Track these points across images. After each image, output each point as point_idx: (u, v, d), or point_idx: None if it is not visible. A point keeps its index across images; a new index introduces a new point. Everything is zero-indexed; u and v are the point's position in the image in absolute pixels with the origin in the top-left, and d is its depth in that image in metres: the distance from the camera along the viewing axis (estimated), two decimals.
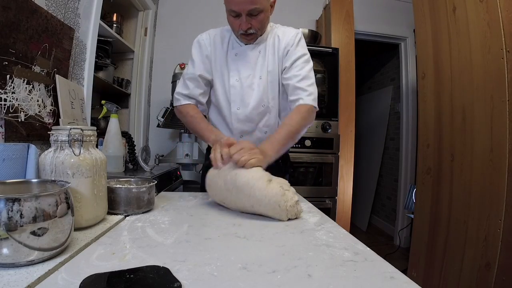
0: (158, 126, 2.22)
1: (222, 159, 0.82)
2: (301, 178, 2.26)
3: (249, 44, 1.07)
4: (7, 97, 0.87)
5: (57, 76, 1.10)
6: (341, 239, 0.63)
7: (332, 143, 2.24)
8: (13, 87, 0.90)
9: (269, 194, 0.73)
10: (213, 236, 0.63)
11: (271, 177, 0.79)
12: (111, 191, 0.74)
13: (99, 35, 1.50)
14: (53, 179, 0.59)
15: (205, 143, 1.22)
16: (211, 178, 0.86)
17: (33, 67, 0.98)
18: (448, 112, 1.61)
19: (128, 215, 0.75)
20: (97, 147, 0.70)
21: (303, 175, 2.27)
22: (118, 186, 0.77)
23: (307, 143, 2.20)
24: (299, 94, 1.02)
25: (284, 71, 1.07)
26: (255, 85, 1.06)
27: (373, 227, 3.60)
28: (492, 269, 1.26)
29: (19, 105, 0.92)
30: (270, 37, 1.09)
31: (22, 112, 0.94)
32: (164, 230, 0.66)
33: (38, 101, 1.01)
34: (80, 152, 0.62)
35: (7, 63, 0.87)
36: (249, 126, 1.11)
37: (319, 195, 2.23)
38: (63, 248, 0.49)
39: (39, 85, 1.01)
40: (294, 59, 1.04)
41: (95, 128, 0.70)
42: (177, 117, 1.37)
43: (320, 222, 0.76)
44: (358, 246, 0.58)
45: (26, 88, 0.95)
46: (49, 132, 0.64)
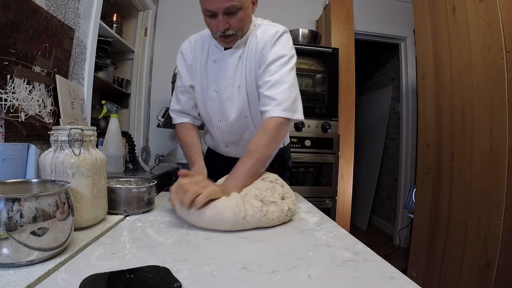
0: (158, 126, 2.23)
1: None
2: (301, 178, 2.26)
3: (229, 47, 0.95)
4: (8, 97, 0.87)
5: (57, 76, 1.10)
6: (341, 239, 0.63)
7: (332, 143, 2.24)
8: (14, 87, 0.90)
9: (228, 221, 0.66)
10: (213, 236, 0.63)
11: (228, 199, 0.70)
12: (111, 191, 0.74)
13: (99, 35, 1.50)
14: (53, 179, 0.59)
15: (205, 144, 1.21)
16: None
17: (34, 67, 0.98)
18: (448, 112, 1.61)
19: (128, 215, 0.75)
20: (97, 147, 0.70)
21: (303, 175, 2.26)
22: (118, 186, 0.77)
23: (307, 143, 2.19)
24: (266, 104, 0.88)
25: (258, 77, 0.93)
26: (235, 96, 0.96)
27: (373, 227, 3.60)
28: (492, 269, 1.26)
29: (19, 105, 0.92)
30: (250, 39, 0.95)
31: (22, 112, 0.94)
32: (164, 230, 0.66)
33: (38, 101, 1.01)
34: (80, 152, 0.62)
35: (7, 63, 0.87)
36: (234, 137, 1.05)
37: (319, 195, 2.23)
38: (63, 248, 0.49)
39: (39, 85, 1.01)
40: (268, 63, 0.90)
41: (95, 128, 0.70)
42: None
43: (320, 222, 0.76)
44: (358, 246, 0.58)
45: (26, 88, 0.95)
46: (49, 132, 0.64)
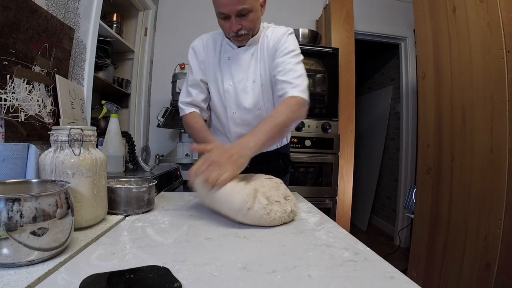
0: (158, 126, 2.22)
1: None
2: (301, 178, 2.26)
3: (241, 45, 1.04)
4: (7, 97, 0.87)
5: (57, 76, 1.10)
6: (341, 239, 0.63)
7: (332, 143, 2.24)
8: (13, 87, 0.90)
9: (234, 206, 0.69)
10: (213, 236, 0.63)
11: (244, 186, 0.73)
12: (111, 191, 0.74)
13: (99, 35, 1.50)
14: (53, 179, 0.59)
15: None
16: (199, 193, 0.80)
17: (33, 67, 0.98)
18: (448, 112, 1.61)
19: (128, 215, 0.75)
20: (97, 147, 0.70)
21: (303, 175, 2.26)
22: (118, 186, 0.77)
23: (307, 143, 2.19)
24: (284, 88, 0.96)
25: (272, 69, 1.03)
26: (249, 89, 1.04)
27: (373, 227, 3.60)
28: (492, 269, 1.26)
29: (19, 105, 0.92)
30: (261, 38, 1.06)
31: (22, 112, 0.94)
32: (164, 230, 0.66)
33: (38, 101, 1.01)
34: (80, 152, 0.62)
35: (7, 63, 0.87)
36: (247, 129, 1.07)
37: (319, 195, 2.23)
38: (63, 248, 0.49)
39: (39, 85, 1.01)
40: (280, 56, 1.00)
41: (95, 128, 0.70)
42: (177, 117, 1.37)
43: (320, 222, 0.76)
44: (358, 246, 0.58)
45: (26, 88, 0.95)
46: (49, 132, 0.64)
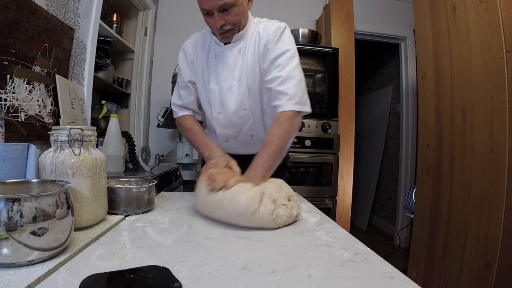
0: (158, 126, 2.23)
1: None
2: (301, 178, 2.26)
3: (228, 41, 1.01)
4: (7, 97, 0.87)
5: (57, 76, 1.10)
6: (341, 239, 0.63)
7: (332, 143, 2.24)
8: (13, 87, 0.90)
9: (238, 207, 0.68)
10: (213, 236, 0.63)
11: (250, 187, 0.72)
12: (111, 191, 0.74)
13: (99, 35, 1.50)
14: (53, 179, 0.59)
15: None
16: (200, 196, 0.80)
17: (33, 67, 0.98)
18: (448, 112, 1.61)
19: (128, 215, 0.75)
20: (97, 147, 0.70)
21: (303, 175, 2.26)
22: (118, 186, 0.77)
23: (307, 143, 2.19)
24: (279, 99, 0.94)
25: (264, 72, 0.98)
26: (235, 88, 1.00)
27: (373, 227, 3.60)
28: (492, 269, 1.26)
29: (19, 105, 0.92)
30: (251, 34, 1.01)
31: (22, 112, 0.94)
32: (164, 230, 0.66)
33: (38, 101, 1.01)
34: (80, 152, 0.62)
35: (7, 63, 0.87)
36: (233, 130, 1.06)
37: (319, 195, 2.23)
38: (63, 248, 0.49)
39: (39, 85, 1.01)
40: (274, 58, 0.95)
41: (95, 128, 0.70)
42: None
43: (320, 222, 0.76)
44: (358, 246, 0.58)
45: (26, 88, 0.95)
46: (49, 132, 0.64)
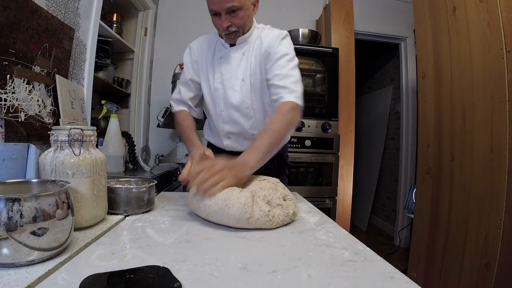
0: (158, 126, 2.23)
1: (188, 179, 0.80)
2: (301, 178, 2.26)
3: (233, 42, 1.06)
4: (7, 97, 0.87)
5: (57, 76, 1.10)
6: (341, 239, 0.63)
7: (332, 143, 2.24)
8: (13, 87, 0.90)
9: (232, 219, 0.67)
10: (213, 236, 0.63)
11: (239, 193, 0.71)
12: (111, 191, 0.74)
13: (99, 35, 1.50)
14: (53, 179, 0.59)
15: (205, 140, 1.23)
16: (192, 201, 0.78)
17: (33, 67, 0.98)
18: (448, 112, 1.61)
19: (128, 215, 0.75)
20: (97, 147, 0.70)
21: (303, 175, 2.26)
22: (118, 186, 0.77)
23: (307, 143, 2.19)
24: (279, 93, 0.97)
25: (266, 72, 1.03)
26: (238, 87, 1.05)
27: (373, 227, 3.60)
28: (492, 269, 1.26)
29: (19, 105, 0.92)
30: (255, 38, 1.07)
31: (22, 112, 0.94)
32: (164, 230, 0.66)
33: (38, 101, 1.01)
34: (80, 152, 0.62)
35: (7, 63, 0.87)
36: (235, 127, 1.10)
37: (319, 195, 2.23)
38: (63, 248, 0.49)
39: (39, 85, 1.01)
40: (275, 59, 1.00)
41: (95, 128, 0.70)
42: None
43: (320, 222, 0.76)
44: (358, 246, 0.58)
45: (26, 88, 0.95)
46: (49, 132, 0.64)
